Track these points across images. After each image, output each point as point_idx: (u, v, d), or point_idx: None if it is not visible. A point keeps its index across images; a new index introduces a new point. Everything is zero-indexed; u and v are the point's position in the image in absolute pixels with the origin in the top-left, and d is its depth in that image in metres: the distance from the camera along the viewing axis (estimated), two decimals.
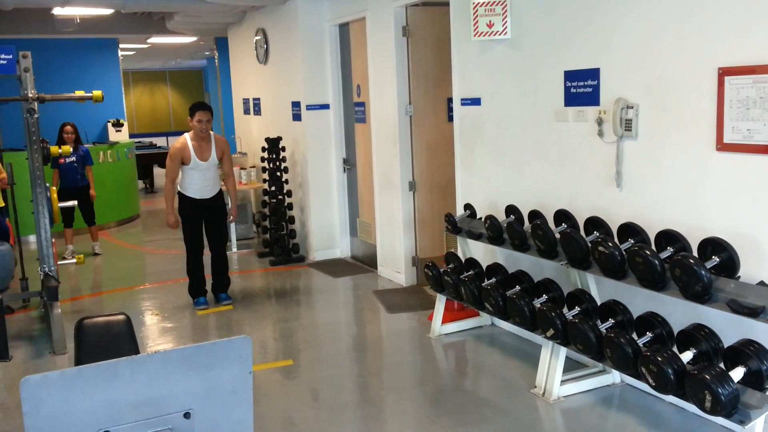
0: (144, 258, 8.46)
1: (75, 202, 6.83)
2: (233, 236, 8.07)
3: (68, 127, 7.93)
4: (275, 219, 7.42)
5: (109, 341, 2.55)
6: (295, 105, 7.53)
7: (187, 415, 1.62)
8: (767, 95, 3.07)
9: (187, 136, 5.66)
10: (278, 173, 7.47)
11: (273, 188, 7.47)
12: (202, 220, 5.82)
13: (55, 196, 5.71)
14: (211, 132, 5.70)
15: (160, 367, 1.58)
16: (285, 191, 7.48)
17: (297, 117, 7.53)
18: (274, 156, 7.47)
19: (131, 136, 13.64)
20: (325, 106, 7.36)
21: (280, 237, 7.42)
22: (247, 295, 6.28)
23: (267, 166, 7.51)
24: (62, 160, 7.66)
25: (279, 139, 7.57)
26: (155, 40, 12.35)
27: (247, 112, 9.47)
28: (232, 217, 6.04)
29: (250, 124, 9.36)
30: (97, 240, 8.27)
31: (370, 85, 6.49)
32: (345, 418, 3.83)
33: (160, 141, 17.40)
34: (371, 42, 6.39)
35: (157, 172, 14.34)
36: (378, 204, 6.61)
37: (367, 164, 6.84)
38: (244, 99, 9.55)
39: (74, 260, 6.30)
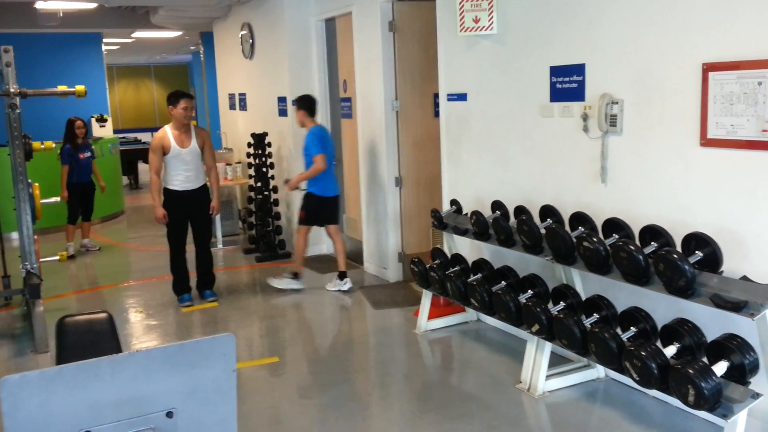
0: (128, 255, 8.39)
1: (58, 199, 6.73)
2: (219, 232, 8.03)
3: (80, 122, 7.79)
4: (261, 215, 7.39)
5: (90, 340, 2.52)
6: (281, 100, 7.50)
7: (169, 414, 1.60)
8: (751, 91, 3.09)
9: (167, 127, 5.67)
10: (264, 169, 7.43)
11: (259, 184, 7.44)
12: (187, 215, 5.78)
13: (37, 192, 5.64)
14: (191, 123, 5.76)
15: (142, 366, 1.56)
16: (271, 187, 7.45)
17: (283, 112, 7.49)
18: (260, 151, 7.43)
19: (115, 131, 13.52)
20: None
21: (266, 233, 7.39)
22: (233, 291, 6.25)
23: (253, 162, 7.47)
24: (81, 156, 7.63)
25: (265, 134, 7.53)
26: (139, 34, 12.24)
27: (232, 107, 9.42)
28: (214, 210, 5.98)
29: (235, 120, 9.30)
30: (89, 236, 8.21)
31: (357, 81, 6.47)
32: (331, 414, 3.82)
33: (144, 136, 17.25)
34: (357, 37, 6.36)
35: (142, 167, 14.23)
36: (364, 200, 6.60)
37: (353, 160, 6.83)
38: (229, 94, 9.49)
39: (57, 257, 6.24)
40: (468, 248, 5.02)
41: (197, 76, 16.07)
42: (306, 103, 6.01)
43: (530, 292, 4.07)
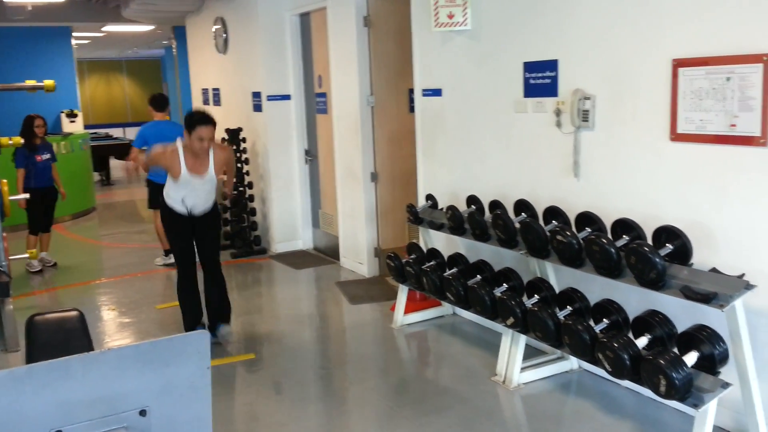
0: (100, 252, 8.28)
1: (27, 195, 6.56)
2: None
3: (39, 120, 7.04)
4: (236, 211, 7.34)
5: (61, 338, 2.48)
6: (256, 95, 7.45)
7: (143, 413, 1.59)
8: (719, 86, 3.14)
9: (179, 144, 4.42)
10: (239, 164, 7.38)
11: (234, 180, 7.38)
12: (190, 231, 4.65)
13: (6, 189, 5.54)
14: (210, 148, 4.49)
15: (114, 364, 1.55)
16: (246, 183, 7.40)
17: (258, 107, 7.44)
18: (234, 147, 7.38)
19: (86, 127, 13.33)
20: (287, 97, 7.29)
21: (241, 229, 7.34)
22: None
23: None
24: (39, 158, 6.87)
25: (239, 130, 7.48)
26: (110, 28, 12.07)
27: (206, 102, 9.33)
28: (226, 190, 5.02)
29: None
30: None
31: (332, 76, 6.45)
32: (308, 410, 3.82)
33: (116, 132, 17.04)
34: (332, 32, 6.34)
35: (114, 164, 14.06)
36: (340, 195, 6.59)
37: (329, 155, 6.81)
38: (203, 89, 9.40)
39: (27, 255, 6.13)
40: (444, 243, 5.05)
41: (170, 71, 15.88)
42: (152, 100, 6.89)
43: (505, 285, 4.10)
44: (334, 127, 6.53)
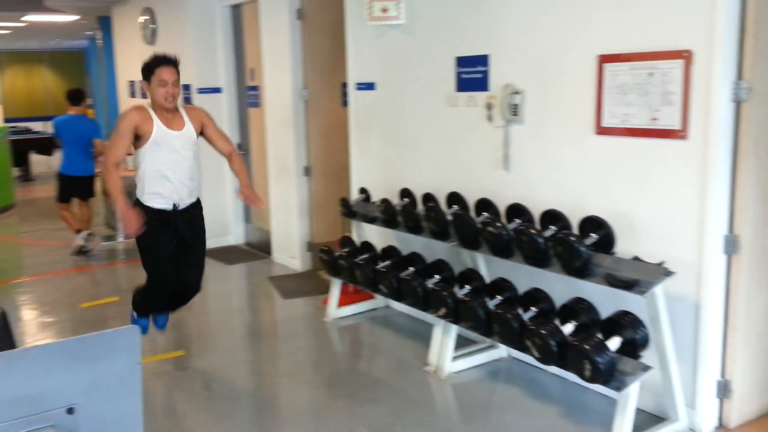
0: (20, 250, 7.90)
1: None
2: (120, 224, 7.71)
3: None
4: None
5: None
6: (186, 88, 7.26)
7: (70, 411, 1.53)
8: (642, 81, 3.27)
9: (146, 104, 3.80)
10: None
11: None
12: (173, 238, 3.92)
13: None
14: (179, 106, 3.90)
15: (39, 361, 1.49)
16: None
17: (188, 100, 7.26)
18: None
19: (6, 120, 12.71)
20: (217, 90, 7.15)
21: None
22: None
23: None
24: None
25: None
26: (31, 18, 11.54)
27: (133, 95, 9.05)
28: (253, 200, 4.12)
29: None
30: None
31: (264, 69, 6.37)
32: (239, 406, 3.75)
33: (36, 126, 16.34)
34: (265, 25, 6.26)
35: (34, 159, 13.49)
36: (272, 189, 6.51)
37: (261, 149, 6.72)
38: (130, 81, 9.11)
39: None
40: (377, 236, 5.06)
41: (94, 63, 15.32)
42: (67, 94, 7.08)
43: (437, 277, 4.14)
44: (267, 121, 6.45)
